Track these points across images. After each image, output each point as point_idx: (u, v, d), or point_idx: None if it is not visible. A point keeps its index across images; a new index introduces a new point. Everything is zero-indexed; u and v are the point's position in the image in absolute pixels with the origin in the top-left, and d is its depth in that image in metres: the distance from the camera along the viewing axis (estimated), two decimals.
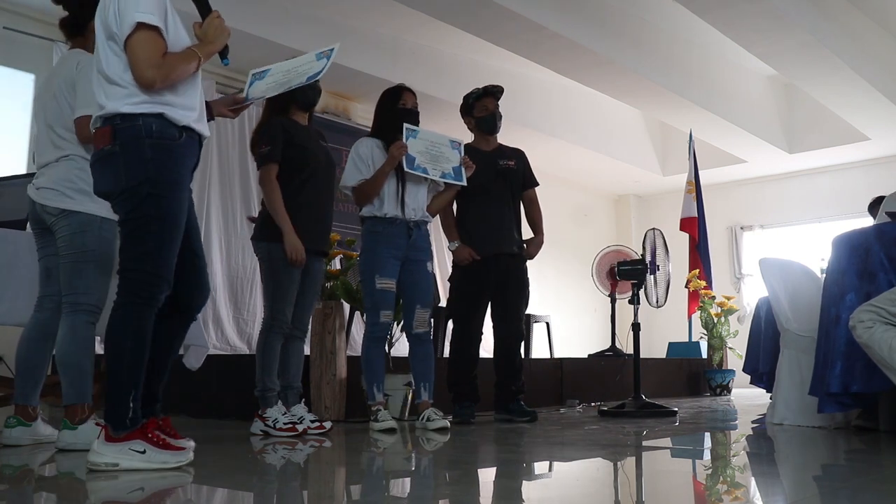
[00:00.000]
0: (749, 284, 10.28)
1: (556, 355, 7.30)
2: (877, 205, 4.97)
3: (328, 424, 3.59)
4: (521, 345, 4.40)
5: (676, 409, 4.75)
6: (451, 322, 4.55)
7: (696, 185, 8.43)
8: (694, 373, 7.41)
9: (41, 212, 2.95)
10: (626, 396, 4.95)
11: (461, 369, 4.18)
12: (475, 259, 4.18)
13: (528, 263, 4.38)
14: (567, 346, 8.53)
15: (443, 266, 7.77)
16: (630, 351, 5.01)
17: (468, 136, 4.38)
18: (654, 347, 9.46)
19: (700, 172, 8.59)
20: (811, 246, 8.58)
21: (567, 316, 9.55)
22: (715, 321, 7.41)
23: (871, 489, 2.15)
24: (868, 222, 5.06)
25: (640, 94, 7.89)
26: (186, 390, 4.41)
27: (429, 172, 3.82)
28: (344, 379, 4.22)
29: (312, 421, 3.55)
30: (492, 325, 4.36)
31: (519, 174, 4.39)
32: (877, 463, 2.76)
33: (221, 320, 6.63)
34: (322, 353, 4.19)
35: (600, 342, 8.68)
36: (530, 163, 4.51)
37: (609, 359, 6.54)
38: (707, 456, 3.11)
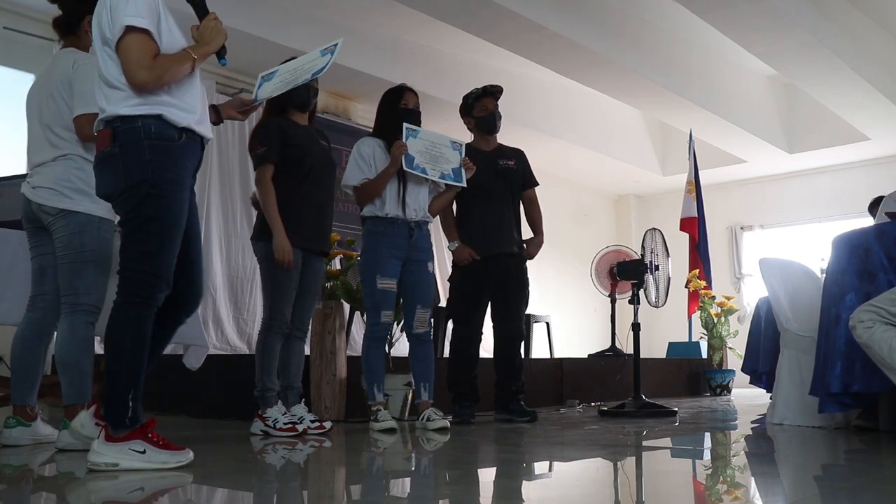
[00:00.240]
0: (749, 284, 10.28)
1: (556, 355, 7.31)
2: (877, 205, 4.97)
3: (328, 424, 3.60)
4: (521, 345, 4.40)
5: (676, 409, 4.75)
6: (451, 322, 4.55)
7: (696, 185, 8.43)
8: (694, 373, 7.41)
9: (38, 211, 2.94)
10: (626, 396, 4.95)
11: (461, 369, 4.18)
12: (475, 259, 4.18)
13: (528, 263, 4.38)
14: (567, 346, 8.53)
15: (443, 266, 7.77)
16: (630, 351, 5.01)
17: (468, 136, 4.38)
18: (654, 347, 9.46)
19: (700, 172, 8.59)
20: (811, 246, 8.58)
21: (567, 316, 9.55)
22: (715, 321, 7.41)
23: (871, 489, 2.15)
24: (868, 222, 5.06)
25: (640, 94, 7.89)
26: (186, 390, 4.42)
27: (427, 173, 3.81)
28: (344, 379, 4.22)
29: (312, 421, 3.55)
30: (492, 325, 4.36)
31: (519, 174, 4.39)
32: (877, 463, 2.76)
33: (221, 320, 6.64)
34: (322, 353, 4.19)
35: (600, 342, 8.68)
36: (530, 163, 4.51)
37: (609, 359, 6.54)
38: (707, 456, 3.11)
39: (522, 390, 4.26)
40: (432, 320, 3.99)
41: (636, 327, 4.81)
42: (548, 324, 7.54)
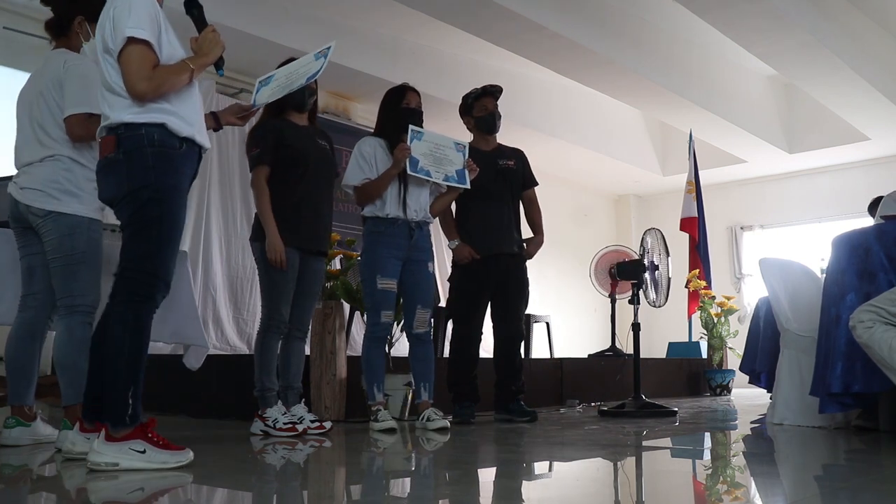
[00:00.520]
0: (749, 284, 10.27)
1: (556, 355, 7.30)
2: (876, 205, 4.97)
3: (328, 424, 3.60)
4: (521, 345, 4.40)
5: (676, 409, 4.75)
6: (451, 322, 4.55)
7: (696, 185, 8.43)
8: (694, 373, 7.41)
9: (25, 212, 2.94)
10: (626, 396, 4.95)
11: (461, 369, 4.18)
12: (475, 258, 4.18)
13: (528, 263, 4.38)
14: (567, 346, 8.53)
15: (443, 266, 7.76)
16: (630, 351, 5.00)
17: (467, 135, 4.38)
18: (654, 347, 9.45)
19: (700, 172, 8.59)
20: (811, 246, 8.57)
21: (567, 316, 9.55)
22: (715, 321, 7.41)
23: (871, 489, 2.15)
24: (868, 222, 5.06)
25: (640, 94, 7.89)
26: (186, 390, 4.42)
27: (432, 175, 3.81)
28: (344, 379, 4.22)
29: (312, 421, 3.55)
30: (492, 325, 4.36)
31: (518, 174, 4.39)
32: (877, 463, 2.76)
33: (221, 320, 6.64)
34: (322, 353, 4.19)
35: (600, 342, 8.68)
36: (530, 163, 4.51)
37: (609, 359, 6.54)
38: (707, 456, 3.11)
39: (522, 390, 4.26)
40: (432, 320, 3.99)
41: (636, 327, 4.81)
42: (548, 324, 7.53)
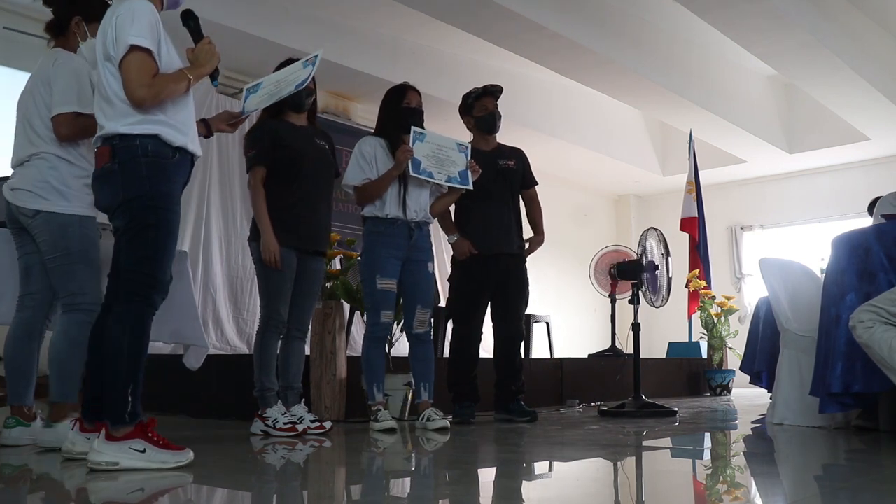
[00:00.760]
0: (749, 284, 10.27)
1: (556, 355, 7.30)
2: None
3: (328, 424, 3.60)
4: (521, 345, 4.40)
5: (676, 409, 4.75)
6: (451, 322, 4.55)
7: (696, 185, 8.43)
8: (694, 373, 7.41)
9: (16, 213, 2.95)
10: (626, 396, 4.95)
11: (461, 369, 4.18)
12: (474, 254, 4.17)
13: (528, 263, 4.38)
14: (567, 346, 8.53)
15: (443, 266, 7.76)
16: (630, 351, 5.00)
17: (467, 135, 4.38)
18: (654, 347, 9.45)
19: (700, 172, 8.59)
20: (811, 246, 8.57)
21: (567, 316, 9.55)
22: (715, 321, 7.41)
23: (871, 489, 2.15)
24: (868, 222, 5.06)
25: (640, 94, 7.88)
26: (186, 390, 4.42)
27: (434, 177, 3.80)
28: (344, 379, 4.22)
29: (312, 421, 3.55)
30: (492, 325, 4.36)
31: (518, 174, 4.39)
32: (877, 463, 2.76)
33: (221, 320, 6.64)
34: (322, 353, 4.19)
35: (600, 342, 8.67)
36: (530, 163, 4.51)
37: (609, 359, 6.54)
38: (707, 456, 3.11)
39: (522, 390, 4.26)
40: (432, 320, 3.99)
41: (636, 327, 4.81)
42: (548, 324, 7.53)
